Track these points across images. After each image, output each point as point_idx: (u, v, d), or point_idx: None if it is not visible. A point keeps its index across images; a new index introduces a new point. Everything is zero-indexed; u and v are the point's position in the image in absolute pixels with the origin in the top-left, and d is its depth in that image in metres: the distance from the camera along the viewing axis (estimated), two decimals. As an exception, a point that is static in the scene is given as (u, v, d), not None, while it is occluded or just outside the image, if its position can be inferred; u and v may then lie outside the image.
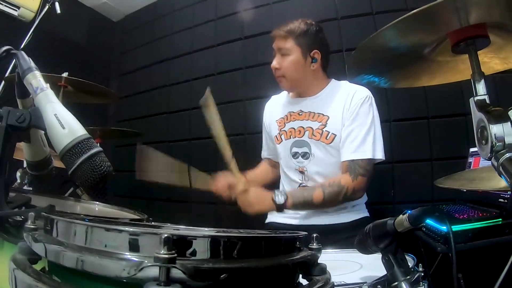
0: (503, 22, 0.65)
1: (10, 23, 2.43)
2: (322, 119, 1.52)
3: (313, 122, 1.54)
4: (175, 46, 2.93)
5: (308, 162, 1.53)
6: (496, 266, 0.97)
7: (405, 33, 0.69)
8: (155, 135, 2.87)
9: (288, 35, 1.51)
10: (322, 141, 1.50)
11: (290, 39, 1.51)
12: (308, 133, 1.53)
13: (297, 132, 1.57)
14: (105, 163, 0.71)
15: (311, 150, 1.52)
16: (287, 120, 1.62)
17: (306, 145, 1.53)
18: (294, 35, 1.51)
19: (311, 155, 1.52)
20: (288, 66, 1.52)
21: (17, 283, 0.48)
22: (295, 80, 1.56)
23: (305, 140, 1.54)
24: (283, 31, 1.52)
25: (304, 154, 1.54)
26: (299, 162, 1.55)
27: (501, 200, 1.31)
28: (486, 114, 0.61)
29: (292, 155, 1.56)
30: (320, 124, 1.52)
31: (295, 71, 1.53)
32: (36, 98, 0.74)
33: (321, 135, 1.51)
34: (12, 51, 0.81)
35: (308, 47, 1.52)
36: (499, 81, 1.61)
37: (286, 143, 1.59)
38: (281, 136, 1.62)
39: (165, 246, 0.39)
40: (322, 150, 1.51)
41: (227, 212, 1.72)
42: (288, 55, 1.52)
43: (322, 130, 1.51)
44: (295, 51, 1.51)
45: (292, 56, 1.52)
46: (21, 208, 0.81)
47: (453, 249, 0.84)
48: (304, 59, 1.52)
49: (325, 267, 0.57)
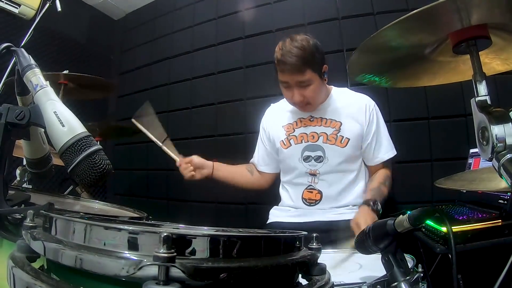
0: (504, 23, 0.65)
1: (10, 20, 2.43)
2: (335, 125, 1.60)
3: (327, 128, 1.60)
4: (175, 44, 2.93)
5: (321, 165, 1.58)
6: (495, 267, 0.97)
7: (406, 33, 0.69)
8: (155, 134, 2.87)
9: (304, 67, 1.45)
10: (337, 145, 1.57)
11: (308, 69, 1.46)
12: (323, 138, 1.59)
13: (310, 137, 1.62)
14: (104, 161, 0.71)
15: (325, 154, 1.59)
16: (296, 126, 1.66)
17: (320, 149, 1.59)
18: (308, 64, 1.46)
19: (325, 158, 1.58)
20: (312, 95, 1.53)
21: (16, 281, 0.48)
22: (319, 101, 1.61)
23: (319, 145, 1.59)
24: (298, 64, 1.44)
25: (317, 157, 1.59)
26: (312, 165, 1.60)
27: (501, 201, 1.31)
28: (487, 115, 0.61)
29: (304, 159, 1.61)
30: (334, 130, 1.59)
31: (319, 95, 1.58)
32: (36, 95, 0.74)
33: (336, 139, 1.58)
34: (12, 48, 0.81)
35: (321, 67, 1.53)
36: (500, 82, 1.61)
37: (296, 147, 1.63)
38: (290, 141, 1.65)
39: (165, 245, 0.39)
40: (336, 154, 1.57)
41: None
42: (309, 85, 1.50)
43: (337, 135, 1.58)
44: (315, 79, 1.50)
45: (313, 85, 1.51)
46: (20, 206, 0.81)
47: (453, 250, 0.84)
48: (322, 80, 1.55)
49: (325, 267, 0.57)
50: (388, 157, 1.61)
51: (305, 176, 1.60)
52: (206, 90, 2.68)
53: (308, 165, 1.60)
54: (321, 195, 1.57)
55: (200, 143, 2.64)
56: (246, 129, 2.39)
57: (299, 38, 1.48)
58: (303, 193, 1.60)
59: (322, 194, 1.57)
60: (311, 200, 1.58)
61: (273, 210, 1.72)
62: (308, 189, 1.59)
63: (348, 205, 1.57)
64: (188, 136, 2.71)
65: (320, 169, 1.58)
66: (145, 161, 2.93)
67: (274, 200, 1.76)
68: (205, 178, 1.68)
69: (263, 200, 1.88)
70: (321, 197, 1.57)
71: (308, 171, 1.60)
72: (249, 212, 2.39)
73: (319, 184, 1.58)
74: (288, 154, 1.65)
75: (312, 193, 1.58)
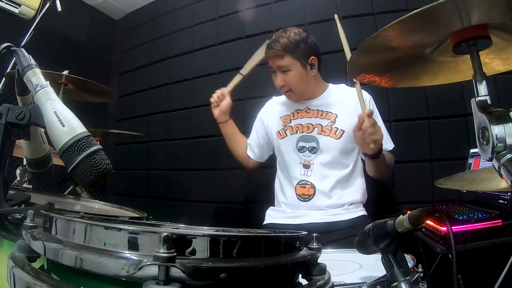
0: (504, 23, 0.65)
1: (11, 20, 2.43)
2: (330, 117, 1.63)
3: (322, 119, 1.64)
4: (175, 44, 2.93)
5: (315, 156, 1.61)
6: (495, 267, 0.97)
7: (406, 33, 0.69)
8: (155, 134, 2.87)
9: (284, 53, 1.55)
10: (332, 136, 1.60)
11: (287, 56, 1.55)
12: (318, 129, 1.62)
13: (305, 128, 1.65)
14: (104, 161, 0.71)
15: (319, 145, 1.61)
16: (293, 117, 1.70)
17: (314, 140, 1.62)
18: (289, 51, 1.55)
19: (319, 149, 1.61)
20: (292, 81, 1.60)
21: (16, 281, 0.48)
22: (302, 90, 1.65)
23: (313, 136, 1.62)
24: (278, 49, 1.55)
25: (312, 148, 1.62)
26: (306, 156, 1.62)
27: (501, 201, 1.31)
28: (487, 115, 0.60)
29: (298, 149, 1.63)
30: (329, 121, 1.62)
31: (300, 83, 1.61)
32: (36, 95, 0.74)
33: (330, 131, 1.61)
34: (12, 48, 0.81)
35: (305, 57, 1.59)
36: (500, 82, 1.61)
37: (291, 137, 1.66)
38: (286, 131, 1.69)
39: (165, 245, 0.39)
40: (330, 145, 1.59)
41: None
42: (289, 71, 1.58)
43: (331, 126, 1.61)
44: (295, 65, 1.57)
45: (293, 71, 1.58)
46: (21, 206, 0.81)
47: (453, 250, 0.84)
48: (305, 69, 1.60)
49: (325, 267, 0.57)
50: (390, 148, 1.62)
51: (298, 167, 1.61)
52: (206, 90, 2.67)
53: (302, 156, 1.62)
54: (314, 189, 1.57)
55: (200, 143, 2.64)
56: (246, 129, 2.38)
57: (289, 29, 1.61)
58: (295, 189, 1.60)
59: (315, 188, 1.57)
60: (305, 196, 1.58)
61: (269, 211, 1.72)
62: (300, 184, 1.59)
63: (343, 205, 1.56)
64: (188, 136, 2.71)
65: (314, 160, 1.60)
66: (145, 161, 2.94)
67: (274, 200, 1.76)
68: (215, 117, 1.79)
69: (263, 200, 1.88)
70: (314, 191, 1.57)
71: (302, 162, 1.61)
72: (249, 212, 2.38)
73: (312, 177, 1.58)
74: (283, 144, 1.68)
75: (305, 188, 1.58)
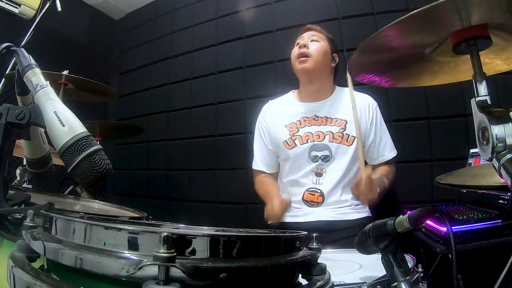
0: (504, 23, 0.65)
1: (10, 20, 2.43)
2: (340, 124, 1.62)
3: (332, 126, 1.62)
4: (175, 44, 2.93)
5: (328, 165, 1.59)
6: (495, 267, 0.97)
7: (406, 33, 0.69)
8: (155, 134, 2.87)
9: (322, 33, 1.70)
10: (343, 143, 1.59)
11: (323, 35, 1.69)
12: (329, 137, 1.60)
13: (315, 137, 1.62)
14: (104, 161, 0.71)
15: (331, 153, 1.59)
16: (300, 125, 1.66)
17: (327, 148, 1.60)
18: (325, 34, 1.70)
19: (332, 157, 1.59)
20: (317, 48, 1.64)
21: (16, 281, 0.48)
22: (319, 65, 1.64)
23: (325, 144, 1.60)
24: (316, 27, 1.72)
25: (324, 157, 1.60)
26: (319, 165, 1.60)
27: (501, 201, 1.31)
28: (487, 115, 0.60)
29: (311, 159, 1.61)
30: (340, 128, 1.61)
31: (322, 57, 1.64)
32: (36, 95, 0.74)
33: (342, 138, 1.60)
34: (12, 48, 0.81)
35: (333, 48, 1.71)
36: (500, 82, 1.61)
37: (302, 147, 1.61)
38: (295, 141, 1.64)
39: (165, 245, 0.39)
40: (342, 152, 1.59)
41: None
42: (318, 41, 1.66)
43: (342, 133, 1.60)
44: (325, 42, 1.68)
45: (322, 42, 1.67)
46: (20, 206, 0.81)
47: (453, 250, 0.84)
48: (330, 53, 1.68)
49: (325, 267, 0.57)
50: (391, 156, 1.65)
51: (310, 175, 1.59)
52: (206, 90, 2.68)
53: (315, 165, 1.59)
54: (323, 197, 1.55)
55: (200, 143, 2.64)
56: (246, 129, 2.39)
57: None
58: (304, 194, 1.58)
59: (324, 197, 1.55)
60: (313, 202, 1.57)
61: None
62: (309, 191, 1.58)
63: (349, 202, 1.56)
64: (188, 136, 2.71)
65: (327, 168, 1.58)
66: (145, 161, 2.93)
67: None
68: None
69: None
70: (323, 199, 1.56)
71: (315, 170, 1.59)
72: (249, 212, 2.38)
73: (323, 186, 1.57)
74: (293, 154, 1.63)
75: (314, 195, 1.57)
